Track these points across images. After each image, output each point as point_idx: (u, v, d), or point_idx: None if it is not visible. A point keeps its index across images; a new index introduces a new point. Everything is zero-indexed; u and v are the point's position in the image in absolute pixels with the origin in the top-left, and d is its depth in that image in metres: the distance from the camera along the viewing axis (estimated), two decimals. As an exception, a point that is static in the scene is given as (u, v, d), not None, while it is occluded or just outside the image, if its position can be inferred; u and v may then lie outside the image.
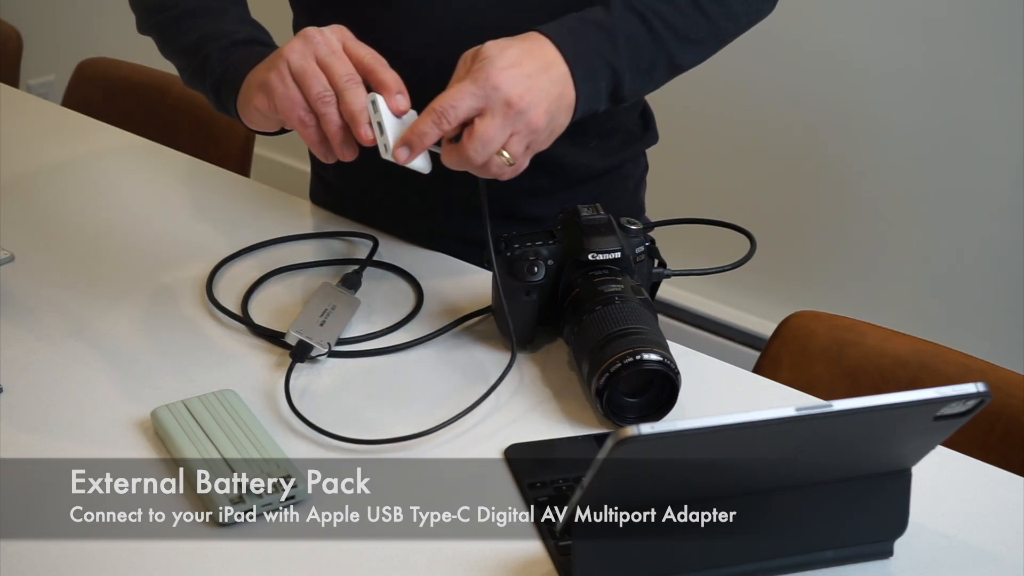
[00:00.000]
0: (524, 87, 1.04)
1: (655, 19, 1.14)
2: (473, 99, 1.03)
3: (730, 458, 0.83)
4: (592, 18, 1.12)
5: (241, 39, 1.18)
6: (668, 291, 2.55)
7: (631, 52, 1.12)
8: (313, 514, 0.96)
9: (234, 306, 1.22)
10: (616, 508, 0.85)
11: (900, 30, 2.22)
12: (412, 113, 1.07)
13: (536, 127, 1.06)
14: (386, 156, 1.07)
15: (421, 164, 1.09)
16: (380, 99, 1.06)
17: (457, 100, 1.03)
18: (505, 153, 1.05)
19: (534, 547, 0.93)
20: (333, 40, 1.07)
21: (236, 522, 0.94)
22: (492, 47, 1.06)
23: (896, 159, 2.30)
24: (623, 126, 1.38)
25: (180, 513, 0.95)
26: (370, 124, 1.06)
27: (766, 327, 2.38)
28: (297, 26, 1.36)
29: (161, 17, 1.25)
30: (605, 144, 1.36)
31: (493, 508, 0.97)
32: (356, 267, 1.27)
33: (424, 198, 1.33)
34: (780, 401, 1.12)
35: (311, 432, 1.04)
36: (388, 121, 1.06)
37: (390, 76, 1.06)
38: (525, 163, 1.08)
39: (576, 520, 0.85)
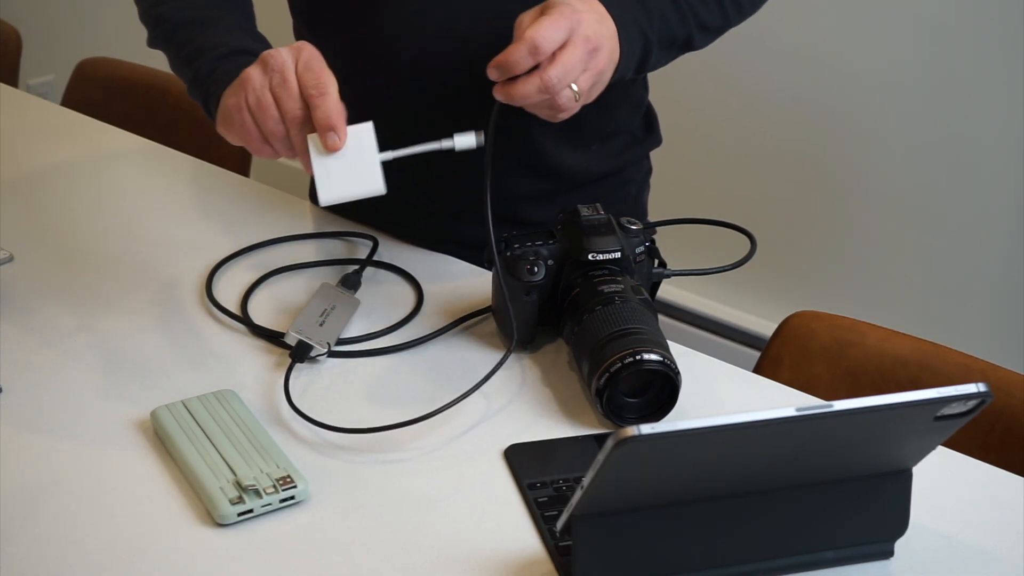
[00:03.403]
0: (596, 29, 1.08)
1: (683, 1, 1.20)
2: (562, 32, 1.06)
3: (730, 458, 0.83)
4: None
5: (226, 52, 1.17)
6: (668, 291, 2.55)
7: (662, 27, 1.18)
8: (312, 514, 0.96)
9: (234, 306, 1.22)
10: (616, 508, 0.85)
11: (900, 33, 2.22)
12: (359, 143, 1.06)
13: (602, 69, 1.09)
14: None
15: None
16: (312, 138, 1.05)
17: (551, 32, 1.05)
18: (574, 86, 1.07)
19: (534, 547, 0.93)
20: (288, 67, 1.07)
21: (236, 522, 0.94)
22: None
23: (896, 160, 2.30)
24: (625, 129, 1.38)
25: (180, 513, 0.95)
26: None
27: (766, 327, 2.38)
28: (297, 32, 1.36)
29: (158, 32, 1.25)
30: (606, 148, 1.36)
31: (493, 508, 0.97)
32: (356, 267, 1.27)
33: (424, 200, 1.32)
34: (780, 401, 1.12)
35: (311, 432, 1.04)
36: (315, 162, 1.06)
37: (321, 114, 1.05)
38: (578, 106, 1.10)
39: (576, 520, 0.85)
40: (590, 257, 1.12)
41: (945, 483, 1.01)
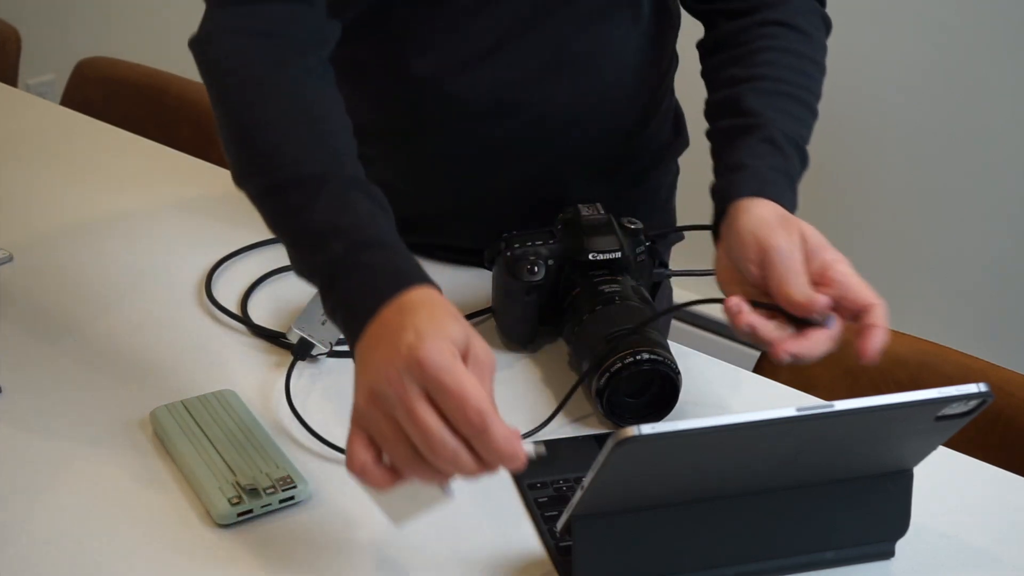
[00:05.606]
0: None
1: (804, 145, 1.16)
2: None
3: (730, 458, 0.83)
4: (782, 167, 1.13)
5: (363, 240, 0.94)
6: (668, 291, 2.55)
7: (801, 160, 1.16)
8: (312, 515, 0.96)
9: (234, 306, 1.22)
10: (616, 508, 0.85)
11: (902, 33, 2.22)
12: None
13: None
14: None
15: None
16: None
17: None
18: None
19: (534, 547, 0.93)
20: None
21: (235, 522, 0.94)
22: None
23: (896, 160, 2.30)
24: (657, 140, 1.37)
25: (180, 513, 0.95)
26: None
27: (766, 327, 2.37)
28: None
29: (262, 183, 1.03)
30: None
31: (493, 508, 0.97)
32: (356, 267, 1.27)
33: (426, 200, 1.32)
34: (780, 401, 1.12)
35: (311, 433, 1.04)
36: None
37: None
38: None
39: (576, 520, 0.84)
40: (590, 257, 1.12)
41: (945, 483, 1.01)
